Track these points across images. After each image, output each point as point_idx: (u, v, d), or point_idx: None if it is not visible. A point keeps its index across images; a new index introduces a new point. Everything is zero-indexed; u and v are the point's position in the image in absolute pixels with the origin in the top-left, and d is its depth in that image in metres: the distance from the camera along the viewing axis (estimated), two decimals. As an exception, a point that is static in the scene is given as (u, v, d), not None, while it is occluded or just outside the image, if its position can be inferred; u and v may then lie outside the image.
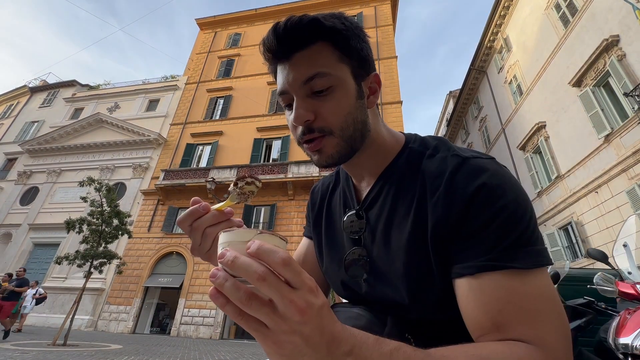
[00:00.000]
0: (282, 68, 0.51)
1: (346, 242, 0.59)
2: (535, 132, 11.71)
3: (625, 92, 7.88)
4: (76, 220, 7.31)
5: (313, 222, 0.70)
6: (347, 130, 0.50)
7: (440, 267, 0.45)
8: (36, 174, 18.29)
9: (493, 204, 0.41)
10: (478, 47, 16.07)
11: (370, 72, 0.54)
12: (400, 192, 0.52)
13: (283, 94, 0.51)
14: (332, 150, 0.50)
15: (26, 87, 23.62)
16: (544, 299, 0.38)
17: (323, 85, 0.48)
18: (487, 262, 0.40)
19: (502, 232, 0.40)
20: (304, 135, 0.50)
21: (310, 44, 0.48)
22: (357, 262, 0.56)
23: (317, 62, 0.48)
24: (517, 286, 0.39)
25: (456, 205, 0.43)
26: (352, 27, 0.51)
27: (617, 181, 8.27)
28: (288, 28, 0.48)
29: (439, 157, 0.50)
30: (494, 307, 0.38)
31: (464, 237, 0.42)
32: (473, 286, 0.40)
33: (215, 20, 22.34)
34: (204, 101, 18.61)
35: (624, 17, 8.02)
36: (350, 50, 0.50)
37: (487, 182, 0.43)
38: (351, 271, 0.56)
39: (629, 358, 1.23)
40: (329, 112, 0.49)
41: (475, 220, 0.42)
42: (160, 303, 15.41)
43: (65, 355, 4.89)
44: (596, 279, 1.81)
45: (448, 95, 26.24)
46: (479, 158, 0.47)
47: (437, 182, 0.47)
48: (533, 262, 0.40)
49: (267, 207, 14.25)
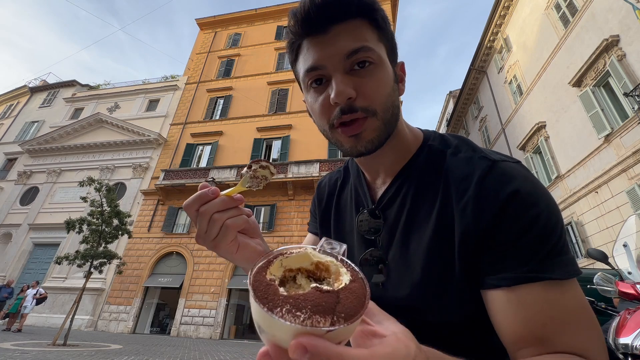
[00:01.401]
0: (316, 42, 0.46)
1: (358, 242, 0.56)
2: (535, 132, 11.71)
3: (625, 92, 7.88)
4: (76, 220, 7.32)
5: (320, 219, 0.67)
6: (387, 113, 0.47)
7: (464, 274, 0.43)
8: (36, 174, 18.30)
9: (527, 213, 0.40)
10: (478, 47, 16.07)
11: (397, 60, 0.52)
12: (421, 192, 0.49)
13: (315, 69, 0.46)
14: (372, 135, 0.46)
15: (26, 87, 23.63)
16: (582, 309, 0.38)
17: (368, 59, 0.45)
18: (524, 274, 0.38)
19: (537, 242, 0.39)
20: (343, 115, 0.45)
21: (350, 18, 0.45)
22: (372, 264, 0.53)
23: (360, 36, 0.45)
24: (557, 298, 0.38)
25: (488, 212, 0.41)
26: (385, 13, 0.49)
27: (617, 181, 8.27)
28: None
29: (464, 158, 0.48)
30: (537, 321, 0.37)
31: (497, 246, 0.41)
32: (511, 299, 0.39)
33: (215, 20, 22.34)
34: (204, 101, 18.61)
35: (624, 17, 8.03)
36: (386, 32, 0.49)
37: (519, 189, 0.41)
38: (366, 273, 0.55)
39: (629, 358, 1.23)
40: (372, 90, 0.45)
41: (510, 229, 0.40)
42: (160, 303, 15.42)
43: (65, 355, 4.89)
44: (596, 279, 1.81)
45: (448, 95, 26.24)
46: (507, 162, 0.45)
47: (465, 185, 0.44)
48: (569, 272, 0.39)
49: (267, 207, 14.25)
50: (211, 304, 12.55)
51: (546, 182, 11.37)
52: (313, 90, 0.48)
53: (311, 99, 0.49)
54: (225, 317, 12.53)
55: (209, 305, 12.54)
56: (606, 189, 8.65)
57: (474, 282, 0.43)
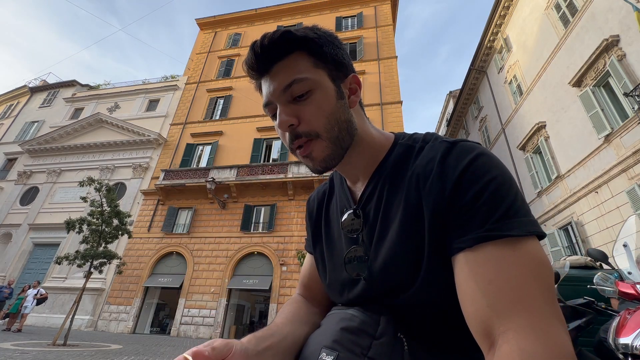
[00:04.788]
0: (265, 81, 0.53)
1: (345, 244, 0.59)
2: (535, 132, 11.71)
3: (625, 92, 7.88)
4: (76, 220, 7.32)
5: (312, 233, 0.70)
6: (332, 131, 0.51)
7: (436, 249, 0.46)
8: (36, 174, 18.29)
9: (482, 178, 0.44)
10: (478, 47, 16.07)
11: (348, 74, 0.56)
12: (394, 185, 0.53)
13: (268, 105, 0.54)
14: (322, 155, 0.52)
15: (26, 87, 23.63)
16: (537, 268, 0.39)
17: (302, 89, 0.50)
18: (481, 233, 0.41)
19: (493, 203, 0.42)
20: (293, 142, 0.52)
21: (286, 54, 0.51)
22: (356, 260, 0.56)
23: (294, 70, 0.51)
24: (511, 257, 0.39)
25: (449, 183, 0.45)
26: (324, 35, 0.54)
27: (617, 181, 8.27)
28: (264, 43, 0.51)
29: (429, 146, 0.52)
30: (494, 285, 0.38)
31: (458, 212, 0.44)
32: (469, 259, 0.41)
33: (215, 20, 22.34)
34: (204, 101, 18.61)
35: (624, 17, 8.02)
36: (324, 55, 0.53)
37: (475, 158, 0.45)
38: (350, 269, 0.56)
39: (629, 358, 1.23)
40: (310, 114, 0.51)
41: (466, 193, 0.43)
42: (160, 303, 15.41)
43: (65, 355, 4.89)
44: (596, 279, 1.81)
45: (448, 95, 26.23)
46: (467, 142, 0.49)
47: (429, 168, 0.49)
48: (527, 230, 0.41)
49: (267, 207, 14.25)
50: (211, 304, 12.55)
51: (546, 182, 11.37)
52: (274, 120, 0.55)
53: (275, 127, 0.55)
54: (225, 317, 12.52)
55: (209, 306, 12.54)
56: (606, 189, 8.65)
57: (446, 261, 0.45)
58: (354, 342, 0.45)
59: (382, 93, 15.98)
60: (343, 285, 0.58)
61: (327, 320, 0.53)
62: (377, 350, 0.44)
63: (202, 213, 14.63)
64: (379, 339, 0.45)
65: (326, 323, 0.52)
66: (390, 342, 0.46)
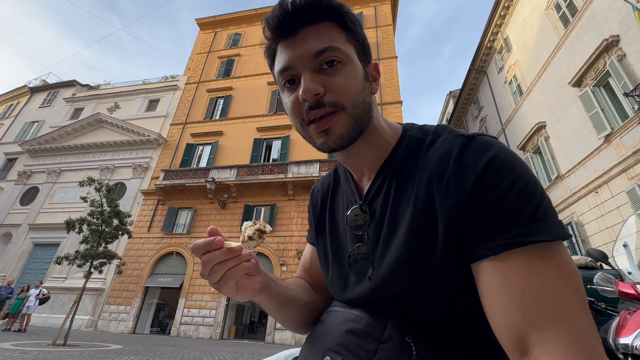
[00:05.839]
0: (287, 44, 0.49)
1: (349, 239, 0.57)
2: (536, 132, 11.71)
3: (625, 92, 7.88)
4: (76, 220, 7.31)
5: (316, 226, 0.67)
6: (358, 109, 0.48)
7: (450, 253, 0.43)
8: (36, 174, 18.30)
9: (505, 178, 0.40)
10: (478, 47, 16.08)
11: (370, 61, 0.54)
12: (403, 181, 0.50)
13: (286, 70, 0.49)
14: (342, 130, 0.48)
15: (26, 87, 23.63)
16: (569, 276, 0.37)
17: (336, 58, 0.47)
18: (508, 240, 0.38)
19: (518, 206, 0.38)
20: (311, 111, 0.47)
21: (318, 21, 0.48)
22: (361, 259, 0.53)
23: (327, 37, 0.48)
24: (542, 265, 0.37)
25: (468, 182, 0.41)
26: (354, 16, 0.52)
27: (617, 181, 8.27)
28: (297, 3, 0.47)
29: (441, 140, 0.49)
30: (528, 296, 0.36)
31: (480, 216, 0.40)
32: (497, 268, 0.38)
33: (215, 20, 22.35)
34: (204, 101, 18.62)
35: (624, 17, 8.02)
36: (356, 33, 0.51)
37: (496, 156, 0.42)
38: (355, 269, 0.54)
39: (629, 358, 1.23)
40: (340, 85, 0.47)
41: (489, 195, 0.40)
42: (160, 303, 15.42)
43: (65, 355, 4.89)
44: (596, 279, 1.80)
45: (448, 95, 26.22)
46: (484, 136, 0.46)
47: (444, 164, 0.45)
48: (556, 234, 0.38)
49: (267, 207, 14.25)
50: (211, 304, 12.56)
51: (546, 182, 11.37)
52: (287, 90, 0.51)
53: (285, 99, 0.51)
54: (225, 317, 12.53)
55: (209, 305, 12.54)
56: (606, 189, 8.65)
57: (461, 265, 0.42)
58: (359, 346, 0.43)
59: (382, 93, 15.97)
60: (345, 283, 0.56)
61: (331, 319, 0.51)
62: (383, 355, 0.43)
63: (202, 213, 14.63)
64: (385, 342, 0.44)
65: (329, 322, 0.50)
66: (397, 346, 0.44)
